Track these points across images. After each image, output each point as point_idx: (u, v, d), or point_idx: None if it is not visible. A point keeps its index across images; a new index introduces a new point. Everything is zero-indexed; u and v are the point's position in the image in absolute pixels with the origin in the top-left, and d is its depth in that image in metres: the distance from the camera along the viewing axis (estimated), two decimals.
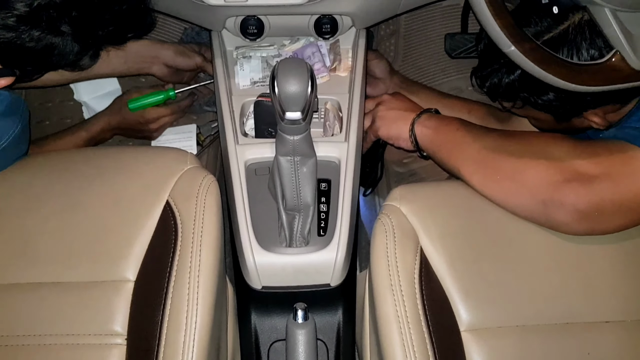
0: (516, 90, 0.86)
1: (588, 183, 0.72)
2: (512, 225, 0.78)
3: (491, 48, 0.89)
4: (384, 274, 0.74)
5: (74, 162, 0.85)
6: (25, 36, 0.64)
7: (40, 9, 0.63)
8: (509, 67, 0.85)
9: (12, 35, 0.64)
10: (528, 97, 0.85)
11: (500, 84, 0.87)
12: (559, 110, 0.85)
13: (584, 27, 0.77)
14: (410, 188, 0.82)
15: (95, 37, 0.72)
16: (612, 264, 0.76)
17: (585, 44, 0.77)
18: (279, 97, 0.70)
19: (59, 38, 0.67)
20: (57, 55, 0.69)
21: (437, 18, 1.29)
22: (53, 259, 0.76)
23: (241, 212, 0.82)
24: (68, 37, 0.68)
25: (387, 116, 0.93)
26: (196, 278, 0.73)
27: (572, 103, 0.83)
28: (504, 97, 0.90)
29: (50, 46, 0.67)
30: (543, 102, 0.84)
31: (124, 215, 0.78)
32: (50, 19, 0.65)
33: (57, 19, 0.65)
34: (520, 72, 0.84)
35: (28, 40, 0.65)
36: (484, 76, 0.89)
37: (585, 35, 0.77)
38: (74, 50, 0.70)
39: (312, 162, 0.79)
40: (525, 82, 0.84)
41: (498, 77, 0.87)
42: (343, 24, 0.94)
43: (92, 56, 0.75)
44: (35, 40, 0.65)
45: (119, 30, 0.76)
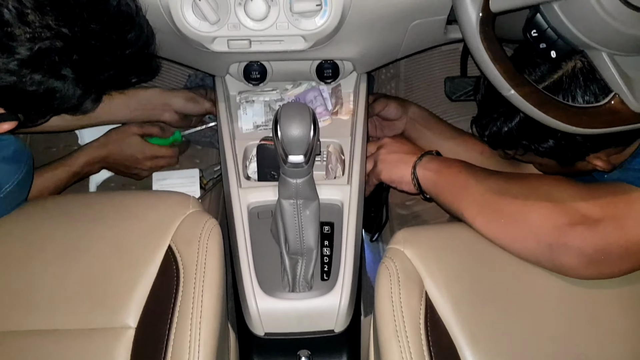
0: (516, 138, 0.86)
1: (594, 226, 0.72)
2: (518, 269, 0.77)
3: (489, 97, 0.90)
4: (389, 319, 0.73)
5: (75, 207, 0.85)
6: (27, 80, 0.65)
7: (41, 53, 0.64)
8: (507, 115, 0.86)
9: (13, 79, 0.64)
10: (529, 145, 0.86)
11: (500, 132, 0.87)
12: (561, 155, 0.85)
13: (578, 75, 0.78)
14: (414, 231, 0.82)
15: (97, 81, 0.73)
16: (620, 308, 0.75)
17: (579, 91, 0.78)
18: (282, 141, 0.71)
19: (60, 82, 0.68)
20: (59, 99, 0.69)
21: (436, 62, 1.31)
22: (52, 306, 0.75)
23: (243, 256, 0.82)
24: (70, 80, 0.68)
25: (389, 159, 0.94)
26: (198, 324, 0.72)
27: (573, 149, 0.83)
28: (504, 145, 0.90)
29: (52, 90, 0.68)
30: (544, 149, 0.84)
31: (125, 261, 0.77)
32: (52, 63, 0.65)
33: (59, 63, 0.66)
34: (518, 120, 0.85)
35: (30, 84, 0.65)
36: (484, 125, 0.90)
37: (579, 82, 0.78)
38: (76, 94, 0.70)
39: (315, 205, 0.79)
40: (524, 130, 0.85)
41: (497, 126, 0.87)
42: (344, 69, 0.95)
43: (94, 100, 0.76)
44: (37, 84, 0.66)
45: (122, 75, 0.77)
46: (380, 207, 1.06)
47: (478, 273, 0.77)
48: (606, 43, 0.69)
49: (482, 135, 0.92)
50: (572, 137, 0.81)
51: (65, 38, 0.64)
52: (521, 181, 0.81)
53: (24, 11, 0.62)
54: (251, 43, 0.81)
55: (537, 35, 0.71)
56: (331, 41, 0.83)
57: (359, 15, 0.79)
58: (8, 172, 0.80)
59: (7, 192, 0.80)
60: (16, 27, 0.62)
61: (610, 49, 0.70)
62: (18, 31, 0.62)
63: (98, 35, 0.68)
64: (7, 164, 0.80)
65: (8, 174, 0.80)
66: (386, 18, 0.81)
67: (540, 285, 0.76)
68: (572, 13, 0.67)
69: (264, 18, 0.77)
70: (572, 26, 0.68)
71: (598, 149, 0.83)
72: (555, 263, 0.74)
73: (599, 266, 0.73)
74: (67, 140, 1.20)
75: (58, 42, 0.64)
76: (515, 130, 0.86)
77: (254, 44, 0.81)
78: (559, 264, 0.74)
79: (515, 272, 0.77)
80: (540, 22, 0.71)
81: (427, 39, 0.92)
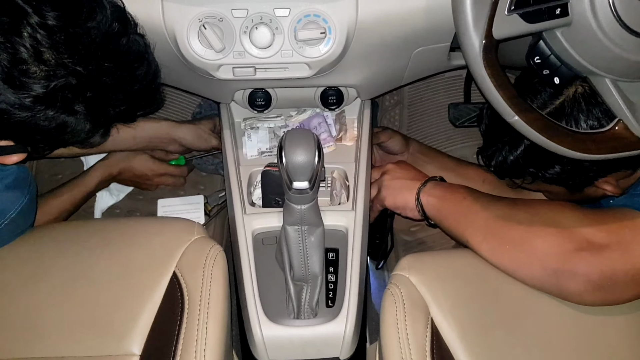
0: (522, 167, 0.87)
1: (599, 252, 0.71)
2: (524, 295, 0.76)
3: (493, 127, 0.91)
4: (395, 346, 0.73)
5: (80, 233, 0.85)
6: (41, 115, 0.66)
7: (56, 90, 0.65)
8: (512, 144, 0.86)
9: (27, 114, 0.65)
10: (536, 172, 0.86)
11: (506, 161, 0.88)
12: (569, 182, 0.85)
13: (579, 100, 0.79)
14: (419, 257, 0.81)
15: (107, 116, 0.74)
16: (627, 335, 0.74)
17: (582, 115, 0.79)
18: (287, 167, 0.71)
19: (72, 117, 0.69)
20: (69, 133, 0.70)
21: (440, 88, 1.32)
22: (57, 333, 0.74)
23: (248, 282, 0.81)
24: (81, 116, 0.69)
25: (393, 185, 0.94)
26: (202, 351, 0.72)
27: (580, 174, 0.83)
28: (511, 174, 0.90)
29: (63, 125, 0.69)
30: (551, 175, 0.84)
31: (130, 288, 0.77)
32: (66, 99, 0.66)
33: (72, 100, 0.67)
34: (523, 148, 0.85)
35: (43, 119, 0.66)
36: (489, 155, 0.91)
37: (581, 107, 0.79)
38: (86, 129, 0.72)
39: (320, 231, 0.79)
40: (530, 158, 0.85)
41: (503, 155, 0.88)
42: (348, 95, 0.96)
43: (103, 134, 0.77)
44: (49, 120, 0.67)
45: (131, 109, 0.78)
46: (385, 233, 1.05)
47: (484, 300, 0.76)
48: (609, 69, 0.69)
49: (488, 165, 0.92)
50: (578, 163, 0.81)
51: (80, 76, 0.66)
52: (526, 207, 0.81)
53: (40, 49, 0.63)
54: (256, 70, 0.82)
55: (540, 62, 0.72)
56: (335, 68, 0.84)
57: (362, 42, 0.80)
58: (11, 200, 0.80)
59: (10, 220, 0.80)
60: (32, 64, 0.63)
61: (613, 75, 0.70)
62: (33, 69, 0.63)
63: (111, 72, 0.69)
64: (10, 191, 0.80)
65: (11, 202, 0.80)
66: (390, 45, 0.82)
67: (546, 312, 0.75)
68: (575, 40, 0.68)
69: (268, 46, 0.78)
70: (575, 53, 0.69)
71: (606, 174, 0.83)
72: (561, 289, 0.74)
73: (605, 292, 0.72)
74: (73, 167, 1.21)
75: (72, 79, 0.65)
76: (521, 159, 0.86)
77: (259, 71, 0.82)
78: (565, 290, 0.73)
79: (521, 299, 0.76)
80: (543, 49, 0.71)
81: (431, 65, 0.93)
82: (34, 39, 0.62)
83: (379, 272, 1.12)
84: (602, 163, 0.81)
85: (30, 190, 0.83)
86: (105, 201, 1.19)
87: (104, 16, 0.68)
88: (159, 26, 0.77)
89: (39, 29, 0.63)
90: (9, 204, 0.80)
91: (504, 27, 0.66)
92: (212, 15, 0.76)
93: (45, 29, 0.63)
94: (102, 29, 0.68)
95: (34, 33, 0.62)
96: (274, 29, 0.78)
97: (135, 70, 0.73)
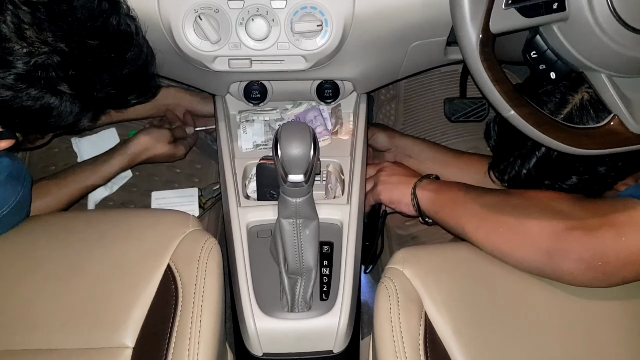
0: (537, 179, 0.86)
1: (592, 232, 0.71)
2: (518, 289, 0.76)
3: (502, 142, 0.90)
4: (388, 339, 0.73)
5: (74, 225, 0.85)
6: (23, 95, 0.65)
7: (38, 67, 0.64)
8: (524, 157, 0.86)
9: (10, 93, 0.64)
10: (552, 184, 0.86)
11: (519, 175, 0.88)
12: (587, 190, 0.85)
13: (587, 107, 0.79)
14: (413, 251, 0.81)
15: (94, 99, 0.73)
16: (622, 330, 0.74)
17: (592, 123, 0.78)
18: (282, 160, 0.71)
19: (57, 98, 0.68)
20: (56, 116, 0.69)
21: (436, 83, 1.32)
22: (50, 325, 0.74)
23: (242, 275, 0.81)
24: (66, 97, 0.69)
25: (389, 181, 0.94)
26: (196, 344, 0.72)
27: (598, 181, 0.83)
28: (526, 187, 0.90)
29: (48, 106, 0.68)
30: (568, 185, 0.84)
31: (124, 280, 0.77)
32: (48, 78, 0.65)
33: (55, 78, 0.66)
34: (536, 161, 0.85)
35: (26, 99, 0.66)
36: (502, 170, 0.91)
37: (590, 114, 0.79)
38: (73, 112, 0.71)
39: (315, 224, 0.78)
40: (543, 170, 0.85)
41: (515, 169, 0.88)
42: (344, 89, 0.96)
43: (92, 118, 0.76)
44: (33, 99, 0.66)
45: (121, 94, 0.78)
46: (375, 236, 1.04)
47: (478, 293, 0.76)
48: (605, 65, 0.69)
49: (502, 181, 0.92)
50: (594, 170, 0.81)
51: (62, 53, 0.65)
52: (520, 194, 0.81)
53: (22, 26, 0.62)
54: (252, 62, 0.81)
55: (537, 57, 0.72)
56: (332, 61, 0.84)
57: (359, 36, 0.80)
58: (4, 196, 0.80)
59: (2, 216, 0.79)
60: (14, 41, 0.62)
61: (609, 70, 0.70)
62: (15, 46, 0.62)
63: (95, 52, 0.68)
64: (3, 186, 0.79)
65: (4, 198, 0.80)
66: (386, 39, 0.82)
67: (541, 305, 0.76)
68: (571, 35, 0.68)
69: (265, 38, 0.78)
70: (572, 48, 0.69)
71: (625, 176, 0.83)
72: (555, 269, 0.73)
73: (596, 272, 0.72)
74: (66, 158, 1.20)
75: (55, 57, 0.65)
76: (534, 171, 0.86)
77: (254, 63, 0.82)
78: (558, 270, 0.73)
79: (515, 293, 0.77)
80: (540, 44, 0.71)
81: (427, 60, 0.93)
82: (16, 15, 0.62)
83: None
84: (619, 168, 0.81)
85: (24, 184, 0.82)
86: (99, 193, 1.18)
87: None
88: (154, 16, 0.77)
89: (22, 5, 0.62)
90: (2, 199, 0.80)
91: (501, 21, 0.66)
92: (208, 6, 0.76)
93: (29, 5, 0.62)
94: (89, 7, 0.67)
95: (15, 10, 0.62)
96: (270, 20, 0.77)
97: (124, 53, 0.72)
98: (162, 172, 1.22)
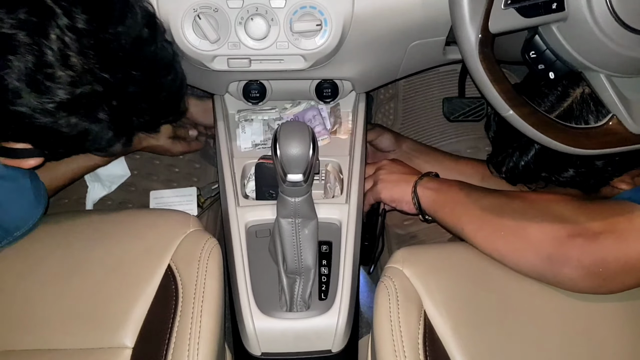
0: (534, 172, 0.86)
1: (593, 239, 0.71)
2: (517, 289, 0.76)
3: (501, 134, 0.90)
4: (388, 338, 0.73)
5: (75, 225, 0.85)
6: (63, 122, 0.64)
7: (81, 97, 0.63)
8: (522, 149, 0.86)
9: (49, 120, 0.63)
10: (549, 177, 0.86)
11: (517, 167, 0.88)
12: (583, 184, 0.85)
13: (587, 100, 0.79)
14: (413, 250, 0.81)
15: (131, 125, 0.73)
16: (621, 329, 0.75)
17: (592, 116, 0.79)
18: (281, 160, 0.70)
19: (95, 125, 0.67)
20: (91, 140, 0.69)
21: (435, 83, 1.32)
22: (50, 325, 0.74)
23: (241, 275, 0.81)
24: (105, 124, 0.68)
25: (389, 179, 0.94)
26: (196, 345, 0.72)
27: (595, 176, 0.83)
28: (524, 179, 0.90)
29: (85, 132, 0.67)
30: (565, 179, 0.84)
31: (124, 280, 0.77)
32: (90, 107, 0.65)
33: (97, 107, 0.65)
34: (534, 153, 0.85)
35: (64, 126, 0.64)
36: (500, 162, 0.91)
37: (590, 108, 0.79)
38: (108, 137, 0.70)
39: (314, 224, 0.78)
40: (541, 162, 0.85)
41: (514, 161, 0.88)
42: (343, 89, 0.96)
43: (125, 143, 0.76)
44: (71, 127, 0.65)
45: (156, 120, 0.77)
46: (376, 235, 1.04)
47: (477, 293, 0.77)
48: (604, 65, 0.69)
49: (499, 172, 0.92)
50: (592, 164, 0.82)
51: (106, 83, 0.64)
52: (521, 197, 0.81)
53: (68, 53, 0.61)
54: (251, 62, 0.81)
55: (536, 57, 0.72)
56: (331, 61, 0.84)
57: (358, 35, 0.80)
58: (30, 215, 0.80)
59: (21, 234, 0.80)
60: (58, 69, 0.61)
61: (608, 70, 0.70)
62: (59, 73, 0.61)
63: (138, 81, 0.68)
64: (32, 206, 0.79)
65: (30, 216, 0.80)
66: (386, 38, 0.82)
67: (540, 306, 0.76)
68: (570, 35, 0.68)
69: (264, 37, 0.78)
70: (571, 48, 0.69)
71: (621, 172, 0.83)
72: (555, 275, 0.74)
73: (598, 279, 0.72)
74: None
75: (99, 87, 0.64)
76: (532, 164, 0.86)
77: (253, 63, 0.82)
78: (558, 276, 0.73)
79: (514, 292, 0.77)
80: (539, 44, 0.71)
81: (426, 59, 0.93)
82: (62, 41, 0.60)
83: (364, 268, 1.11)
84: (616, 163, 0.81)
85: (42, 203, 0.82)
86: (97, 192, 1.18)
87: (134, 21, 0.66)
88: None
89: (67, 32, 0.60)
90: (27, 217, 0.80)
91: (500, 21, 0.66)
92: (207, 5, 0.76)
93: (74, 32, 0.61)
94: (132, 35, 0.66)
95: (62, 35, 0.60)
96: (270, 20, 0.77)
97: (162, 79, 0.72)
98: (161, 171, 1.22)
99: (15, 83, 0.60)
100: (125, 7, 0.66)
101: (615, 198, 0.81)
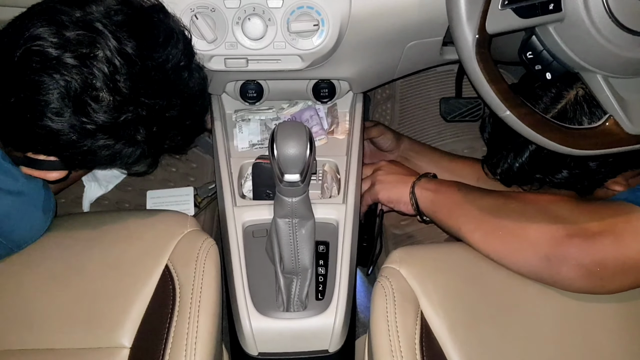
0: (529, 173, 0.87)
1: (591, 239, 0.71)
2: (514, 289, 0.77)
3: (496, 135, 0.91)
4: (384, 338, 0.73)
5: (72, 226, 0.85)
6: (100, 142, 0.64)
7: (124, 122, 0.63)
8: (517, 150, 0.86)
9: (88, 142, 0.63)
10: (543, 178, 0.86)
11: (512, 168, 0.88)
12: (578, 185, 0.85)
13: (581, 102, 0.79)
14: (410, 250, 0.81)
15: (162, 148, 0.73)
16: (618, 329, 0.75)
17: (586, 118, 0.79)
18: (278, 160, 0.70)
19: (130, 148, 0.67)
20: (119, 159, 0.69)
21: (432, 83, 1.32)
22: (48, 325, 0.74)
23: (238, 275, 0.81)
24: (138, 147, 0.68)
25: (387, 180, 0.94)
26: (193, 345, 0.71)
27: (588, 176, 0.83)
28: (518, 180, 0.90)
29: (119, 153, 0.67)
30: (559, 180, 0.85)
31: (121, 280, 0.77)
32: (129, 131, 0.65)
33: (136, 132, 0.65)
34: (529, 154, 0.85)
35: (101, 146, 0.65)
36: (494, 163, 0.91)
37: (584, 110, 0.79)
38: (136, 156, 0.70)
39: (311, 224, 0.78)
40: (536, 163, 0.85)
41: (508, 162, 0.88)
42: (341, 89, 0.96)
43: (151, 164, 0.76)
44: (107, 147, 0.65)
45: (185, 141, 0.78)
46: (373, 236, 1.03)
47: (474, 293, 0.77)
48: (601, 66, 0.70)
49: (494, 174, 0.92)
50: (586, 165, 0.82)
51: (150, 109, 0.64)
52: (519, 198, 0.81)
53: (116, 77, 0.61)
54: (248, 62, 0.81)
55: (533, 57, 0.72)
56: (328, 61, 0.84)
57: (355, 35, 0.80)
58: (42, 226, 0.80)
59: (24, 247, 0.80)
60: (104, 92, 0.61)
61: (605, 71, 0.70)
62: (105, 96, 0.61)
63: (177, 107, 0.68)
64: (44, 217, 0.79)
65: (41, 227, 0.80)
66: (383, 39, 0.82)
67: (535, 306, 0.76)
68: (567, 36, 0.68)
69: (261, 37, 0.78)
70: (568, 48, 0.69)
71: (615, 174, 0.83)
72: (553, 275, 0.74)
73: (596, 279, 0.72)
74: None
75: (142, 112, 0.64)
76: (527, 165, 0.86)
77: (251, 62, 0.82)
78: (556, 276, 0.73)
79: (511, 293, 0.77)
80: (536, 44, 0.71)
81: (423, 60, 0.93)
82: (112, 65, 0.60)
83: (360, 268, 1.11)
84: (610, 164, 0.81)
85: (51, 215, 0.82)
86: (94, 192, 1.17)
87: (176, 49, 0.66)
88: None
89: (117, 56, 0.60)
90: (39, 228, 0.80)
91: (497, 21, 0.66)
92: (204, 5, 0.76)
93: (123, 56, 0.61)
94: (174, 61, 0.66)
95: (112, 59, 0.60)
96: (267, 20, 0.77)
97: (197, 104, 0.72)
98: (158, 171, 1.22)
99: (58, 101, 0.60)
100: (169, 33, 0.66)
101: (612, 199, 0.82)
